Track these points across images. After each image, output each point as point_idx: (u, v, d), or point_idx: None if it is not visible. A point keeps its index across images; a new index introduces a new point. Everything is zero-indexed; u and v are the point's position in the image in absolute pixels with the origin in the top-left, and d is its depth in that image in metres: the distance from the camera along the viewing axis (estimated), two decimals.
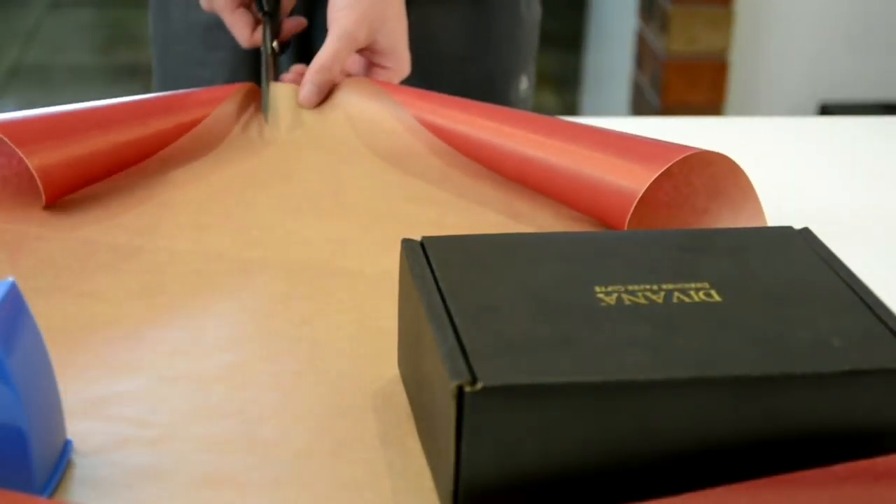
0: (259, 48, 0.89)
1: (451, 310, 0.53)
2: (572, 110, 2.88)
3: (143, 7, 1.15)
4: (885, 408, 0.50)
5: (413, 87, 0.87)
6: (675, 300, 0.54)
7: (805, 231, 0.61)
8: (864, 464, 0.49)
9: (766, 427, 0.50)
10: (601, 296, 0.54)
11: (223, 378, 0.60)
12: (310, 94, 0.84)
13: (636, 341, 0.51)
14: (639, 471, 0.50)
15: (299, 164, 0.82)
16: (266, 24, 0.89)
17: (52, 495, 0.51)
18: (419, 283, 0.55)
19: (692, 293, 0.55)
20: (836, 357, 0.50)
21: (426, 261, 0.57)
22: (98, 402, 0.58)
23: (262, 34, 0.89)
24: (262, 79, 0.87)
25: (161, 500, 0.52)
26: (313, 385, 0.60)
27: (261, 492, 0.52)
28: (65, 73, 3.19)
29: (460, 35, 1.03)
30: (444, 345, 0.51)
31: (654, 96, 2.32)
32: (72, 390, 0.58)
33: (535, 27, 1.10)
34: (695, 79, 2.27)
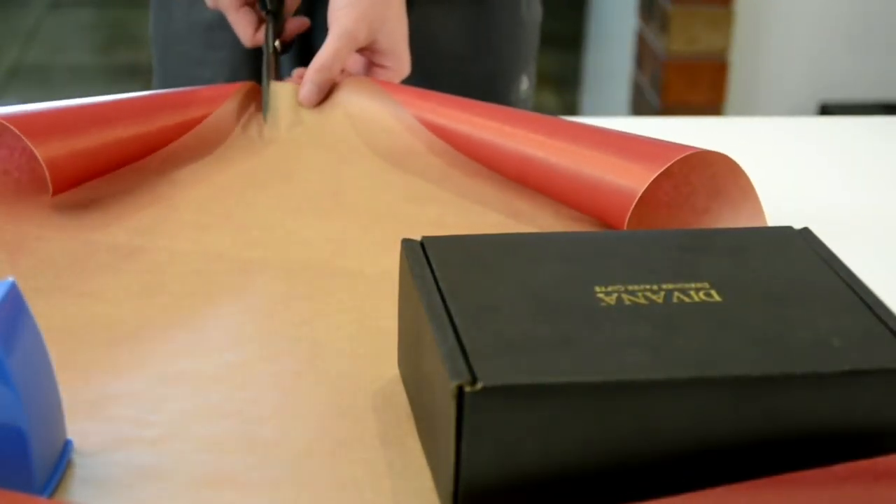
0: (261, 47, 0.89)
1: (451, 310, 0.53)
2: (572, 110, 2.88)
3: (143, 7, 1.15)
4: (885, 408, 0.50)
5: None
6: (675, 300, 0.54)
7: (805, 231, 0.61)
8: (864, 464, 0.49)
9: (766, 427, 0.50)
10: (601, 296, 0.54)
11: (223, 378, 0.60)
12: (310, 93, 0.84)
13: (636, 341, 0.51)
14: (639, 471, 0.50)
15: (299, 163, 0.82)
16: (269, 23, 0.89)
17: (52, 495, 0.51)
18: (419, 283, 0.55)
19: (692, 293, 0.55)
20: (836, 357, 0.50)
21: (426, 261, 0.57)
22: (98, 402, 0.58)
23: (264, 33, 0.89)
24: (263, 78, 0.87)
25: (161, 500, 0.52)
26: (313, 385, 0.60)
27: (261, 492, 0.52)
28: (65, 73, 3.19)
29: (461, 35, 1.03)
30: (444, 345, 0.51)
31: (654, 96, 2.32)
32: (72, 390, 0.58)
33: (536, 28, 1.10)
34: (695, 79, 2.27)
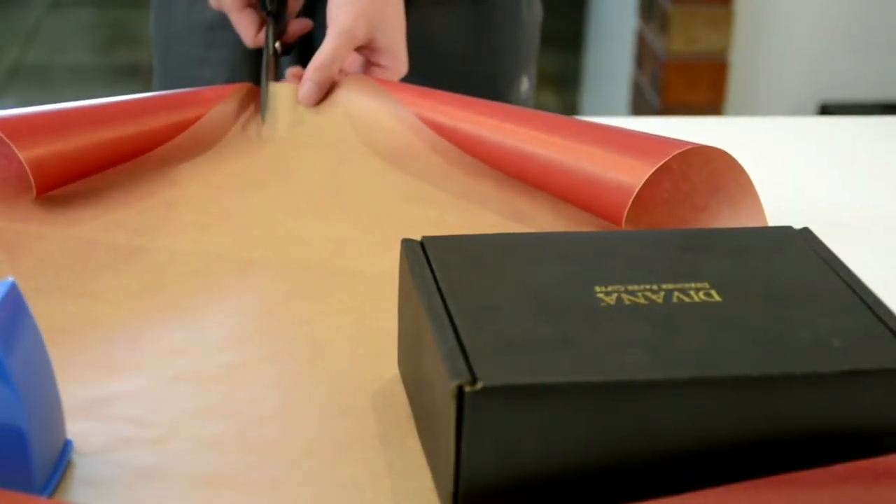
0: (262, 48, 0.89)
1: (451, 310, 0.53)
2: (572, 110, 2.88)
3: (143, 7, 1.15)
4: (885, 408, 0.50)
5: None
6: (675, 300, 0.54)
7: (805, 231, 0.61)
8: (864, 464, 0.49)
9: (766, 427, 0.50)
10: (601, 296, 0.54)
11: (223, 378, 0.60)
12: (309, 92, 0.84)
13: (636, 341, 0.51)
14: (639, 471, 0.50)
15: (299, 163, 0.82)
16: (269, 24, 0.89)
17: (52, 495, 0.51)
18: (419, 283, 0.55)
19: (692, 293, 0.55)
20: (836, 357, 0.50)
21: (426, 261, 0.57)
22: (98, 402, 0.58)
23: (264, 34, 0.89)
24: (262, 79, 0.87)
25: (161, 500, 0.52)
26: (313, 385, 0.60)
27: (261, 492, 0.52)
28: (65, 73, 3.19)
29: (461, 36, 1.03)
30: (444, 345, 0.51)
31: (654, 96, 2.32)
32: (72, 390, 0.58)
33: (536, 28, 1.10)
34: (695, 79, 2.27)
